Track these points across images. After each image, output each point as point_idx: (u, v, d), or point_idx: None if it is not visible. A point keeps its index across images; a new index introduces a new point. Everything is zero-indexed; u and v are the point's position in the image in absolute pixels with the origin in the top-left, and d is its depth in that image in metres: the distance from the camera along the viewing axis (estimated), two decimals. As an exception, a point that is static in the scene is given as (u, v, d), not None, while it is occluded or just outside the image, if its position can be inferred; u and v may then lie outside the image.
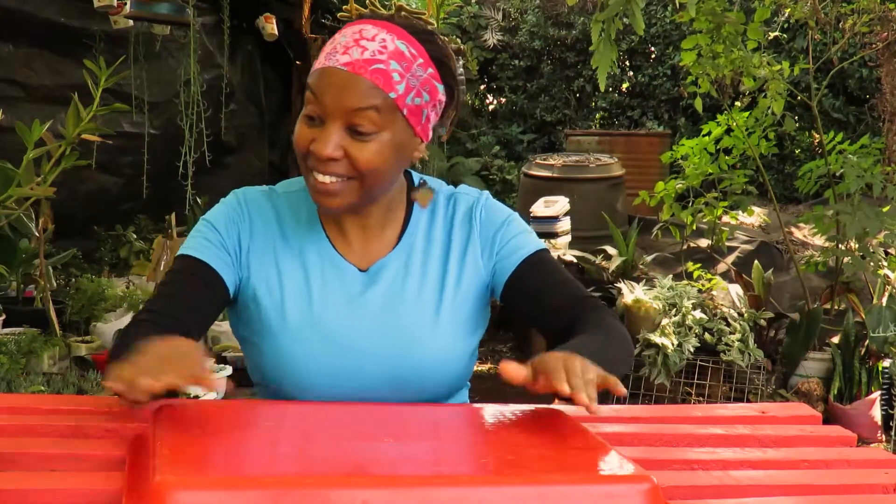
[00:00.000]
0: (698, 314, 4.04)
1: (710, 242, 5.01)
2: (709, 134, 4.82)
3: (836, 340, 4.26)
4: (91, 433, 1.15)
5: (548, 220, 5.08)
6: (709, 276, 4.61)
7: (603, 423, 1.31)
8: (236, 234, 1.36)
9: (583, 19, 8.46)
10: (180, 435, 1.00)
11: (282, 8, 5.42)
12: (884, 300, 4.28)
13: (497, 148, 8.54)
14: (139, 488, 0.89)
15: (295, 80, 5.84)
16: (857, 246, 4.32)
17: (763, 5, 4.44)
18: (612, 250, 5.07)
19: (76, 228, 4.83)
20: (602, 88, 4.12)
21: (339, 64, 1.25)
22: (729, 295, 4.45)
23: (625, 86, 9.03)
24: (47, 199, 3.00)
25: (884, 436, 3.81)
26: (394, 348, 1.33)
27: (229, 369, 3.68)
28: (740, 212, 4.94)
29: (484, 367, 4.65)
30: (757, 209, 5.32)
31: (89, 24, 4.66)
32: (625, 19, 3.84)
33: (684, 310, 4.00)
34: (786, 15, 6.52)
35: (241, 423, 1.13)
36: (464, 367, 1.39)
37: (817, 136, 4.81)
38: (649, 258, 5.13)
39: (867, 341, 4.05)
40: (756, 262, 4.90)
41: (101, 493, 0.94)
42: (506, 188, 7.92)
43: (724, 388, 4.11)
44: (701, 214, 4.84)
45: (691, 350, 3.94)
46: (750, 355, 3.99)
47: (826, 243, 4.55)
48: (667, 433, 1.29)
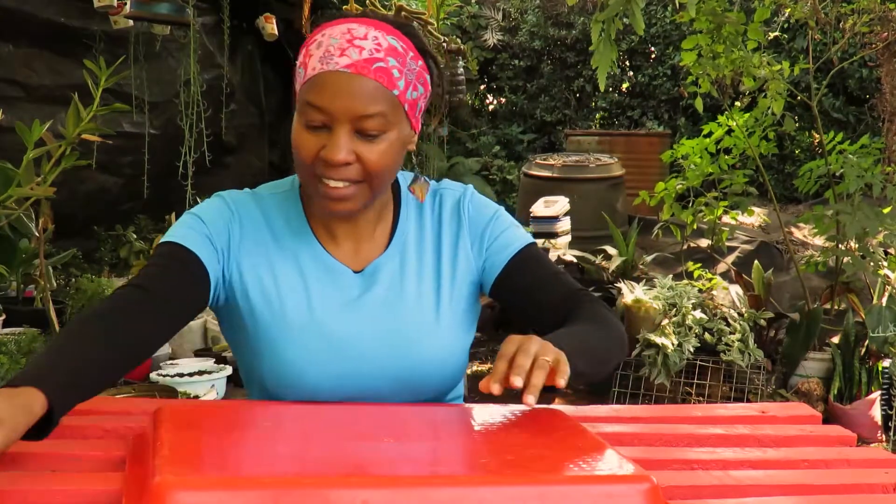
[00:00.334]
0: (698, 314, 4.04)
1: (710, 242, 5.01)
2: (710, 134, 4.82)
3: (836, 340, 4.26)
4: (91, 433, 1.15)
5: (548, 220, 5.09)
6: (709, 276, 4.62)
7: (603, 423, 1.32)
8: (226, 231, 1.32)
9: (583, 19, 8.46)
10: (180, 435, 0.99)
11: (282, 8, 5.41)
12: (884, 300, 4.28)
13: (497, 148, 8.54)
14: (139, 488, 0.89)
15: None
16: (857, 246, 4.32)
17: (763, 5, 4.44)
18: (612, 250, 5.07)
19: (76, 228, 4.82)
20: (602, 88, 4.12)
21: (341, 67, 1.21)
22: (729, 295, 4.45)
23: (625, 86, 9.03)
24: (47, 199, 2.99)
25: (884, 436, 3.81)
26: (396, 349, 1.32)
27: (229, 369, 3.68)
28: (740, 212, 4.94)
29: (484, 368, 4.64)
30: (757, 209, 5.32)
31: (89, 24, 4.65)
32: (625, 19, 3.84)
33: (684, 310, 4.00)
34: (786, 15, 6.53)
35: (241, 423, 1.13)
36: (463, 363, 1.39)
37: (817, 136, 4.81)
38: (649, 258, 5.13)
39: (867, 341, 4.05)
40: (756, 262, 4.90)
41: (101, 493, 0.94)
42: (506, 188, 7.92)
43: (724, 388, 4.11)
44: (701, 214, 4.84)
45: (691, 350, 3.94)
46: (750, 355, 3.99)
47: (826, 243, 4.55)
48: (667, 433, 1.29)
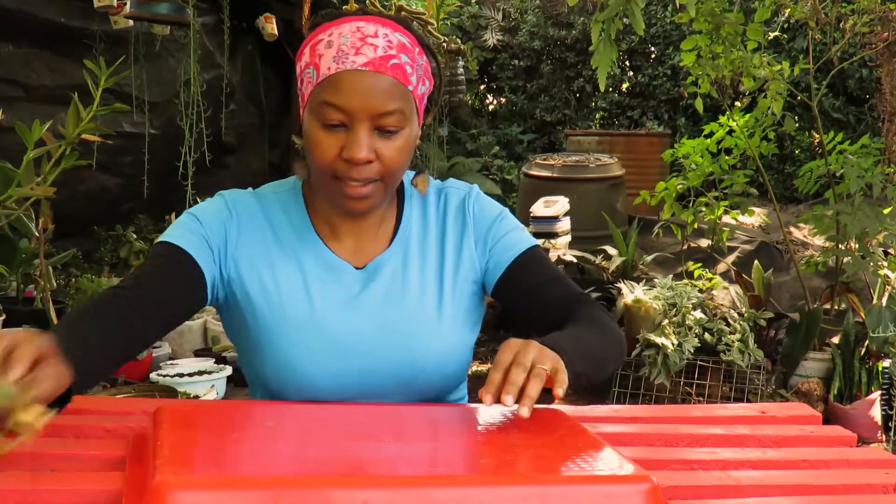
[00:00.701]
0: (698, 314, 4.04)
1: (711, 242, 5.01)
2: (710, 135, 4.82)
3: (836, 340, 4.26)
4: (91, 433, 1.15)
5: (548, 220, 5.09)
6: (709, 275, 4.62)
7: (603, 423, 1.32)
8: (223, 232, 1.32)
9: (583, 19, 8.46)
10: (180, 435, 0.99)
11: (282, 8, 5.41)
12: (884, 300, 4.28)
13: (497, 148, 8.54)
14: (139, 488, 0.89)
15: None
16: (857, 246, 4.32)
17: (763, 5, 4.44)
18: (612, 250, 5.07)
19: (76, 228, 4.82)
20: (602, 88, 4.12)
21: (358, 65, 1.21)
22: (729, 295, 4.45)
23: (625, 86, 9.03)
24: (47, 199, 2.99)
25: (884, 436, 3.81)
26: (398, 346, 1.32)
27: (229, 369, 3.68)
28: (740, 212, 4.94)
29: (484, 368, 4.64)
30: (757, 209, 5.32)
31: (89, 24, 4.65)
32: (625, 19, 3.84)
33: (684, 310, 4.00)
34: (786, 15, 6.52)
35: (241, 423, 1.13)
36: (466, 362, 1.39)
37: (817, 136, 4.81)
38: (649, 258, 5.13)
39: (867, 341, 4.05)
40: (756, 262, 4.90)
41: (101, 493, 0.94)
42: (506, 188, 7.92)
43: (724, 388, 4.11)
44: (701, 214, 4.84)
45: (691, 350, 3.94)
46: (750, 355, 3.99)
47: (826, 243, 4.55)
48: (667, 433, 1.29)
